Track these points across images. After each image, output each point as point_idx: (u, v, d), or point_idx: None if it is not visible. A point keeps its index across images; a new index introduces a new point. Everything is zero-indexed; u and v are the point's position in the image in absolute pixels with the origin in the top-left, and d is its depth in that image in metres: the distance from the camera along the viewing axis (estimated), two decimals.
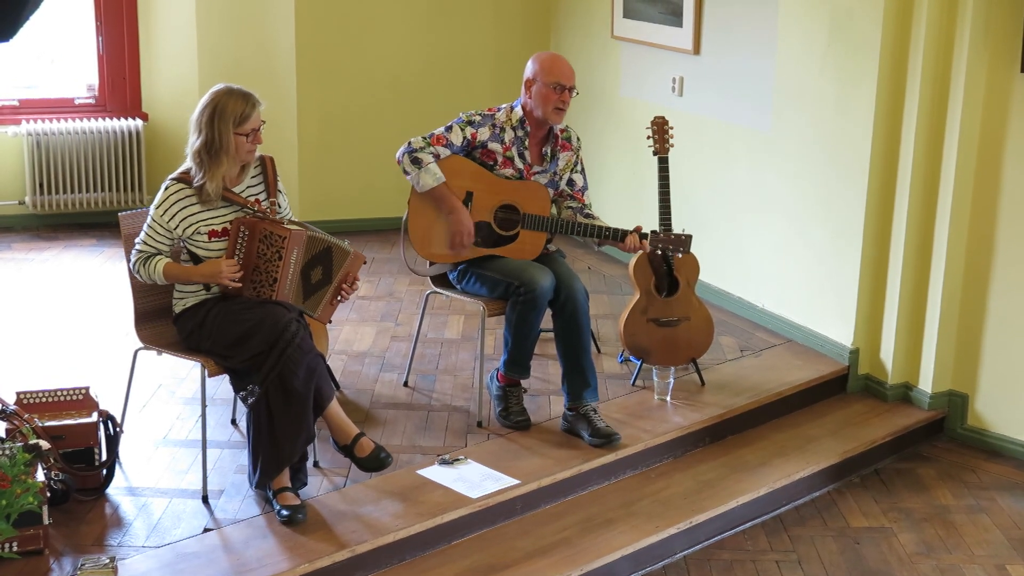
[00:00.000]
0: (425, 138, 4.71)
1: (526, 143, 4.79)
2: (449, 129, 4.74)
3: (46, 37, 7.57)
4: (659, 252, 4.89)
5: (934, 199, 5.17)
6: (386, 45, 7.52)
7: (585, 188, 4.95)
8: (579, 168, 4.94)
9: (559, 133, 4.86)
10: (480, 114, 4.79)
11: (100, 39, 7.51)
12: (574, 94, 4.74)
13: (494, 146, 4.75)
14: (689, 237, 4.79)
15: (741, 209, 6.07)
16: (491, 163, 4.75)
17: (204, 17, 7.27)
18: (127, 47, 7.54)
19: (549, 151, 4.84)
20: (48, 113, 7.48)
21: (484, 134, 4.75)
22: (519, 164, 4.78)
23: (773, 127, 5.79)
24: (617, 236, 4.70)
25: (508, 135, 4.77)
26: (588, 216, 4.86)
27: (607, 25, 7.03)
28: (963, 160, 5.07)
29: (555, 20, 7.72)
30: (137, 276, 4.19)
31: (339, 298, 4.29)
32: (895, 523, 4.61)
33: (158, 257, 4.13)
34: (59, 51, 7.77)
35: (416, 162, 4.66)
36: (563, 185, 4.90)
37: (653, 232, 4.79)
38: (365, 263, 4.31)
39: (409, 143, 4.69)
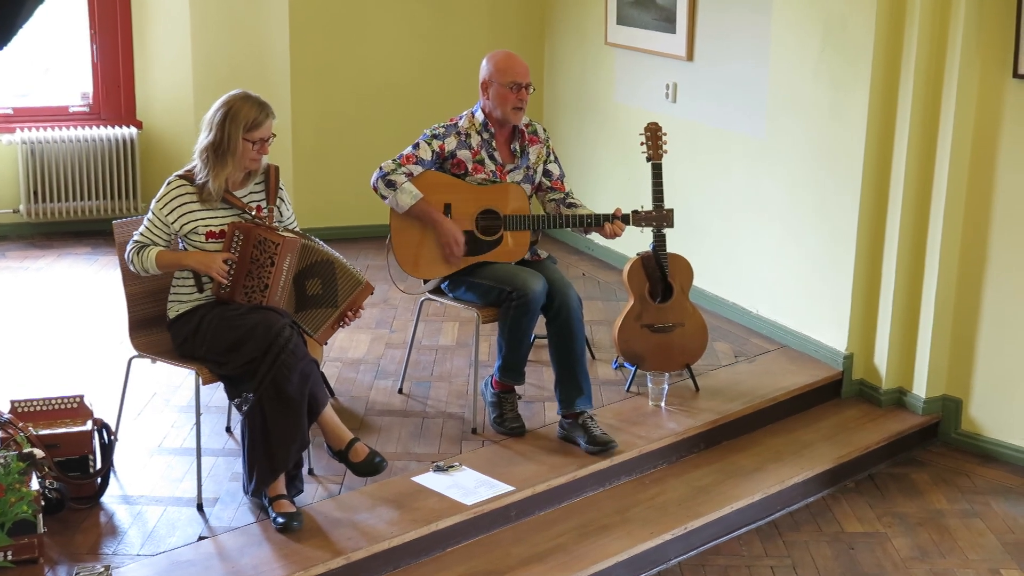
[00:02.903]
0: (395, 160, 4.73)
1: (493, 144, 4.82)
2: (416, 147, 4.76)
3: (40, 45, 7.57)
4: (642, 230, 4.93)
5: (927, 204, 5.18)
6: (381, 52, 7.53)
7: (562, 176, 4.98)
8: (552, 158, 4.97)
9: (524, 129, 4.89)
10: (443, 126, 4.82)
11: (94, 47, 7.51)
12: (531, 90, 4.77)
13: (463, 153, 4.77)
14: (671, 211, 4.82)
15: (735, 215, 6.08)
16: (462, 173, 4.78)
17: (198, 25, 7.28)
18: (121, 55, 7.55)
19: (518, 147, 4.87)
20: (42, 121, 7.48)
21: (451, 143, 4.77)
22: (491, 166, 4.80)
23: (767, 133, 5.80)
24: (599, 222, 4.73)
25: (475, 140, 4.79)
26: (571, 205, 4.89)
27: (601, 31, 7.05)
28: (956, 165, 5.08)
29: (549, 26, 7.73)
30: (131, 266, 4.20)
31: (342, 324, 4.29)
32: (889, 528, 4.62)
33: (152, 247, 4.14)
34: (53, 59, 7.78)
35: (390, 184, 4.67)
36: (539, 178, 4.92)
37: (634, 212, 4.82)
38: (372, 293, 4.31)
39: (381, 168, 4.71)
